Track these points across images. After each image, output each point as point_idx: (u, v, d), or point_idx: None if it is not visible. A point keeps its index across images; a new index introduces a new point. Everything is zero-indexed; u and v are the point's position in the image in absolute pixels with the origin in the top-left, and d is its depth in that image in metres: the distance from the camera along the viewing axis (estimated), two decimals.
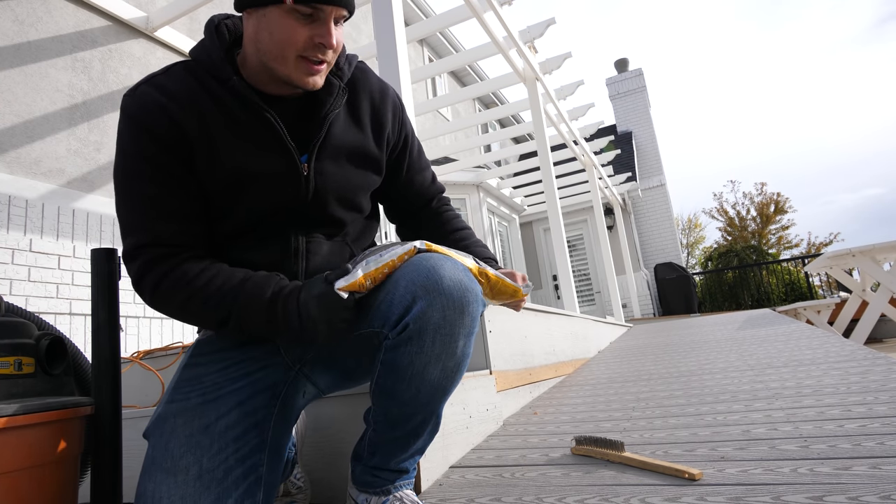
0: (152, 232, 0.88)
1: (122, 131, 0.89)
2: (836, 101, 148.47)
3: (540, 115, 4.51)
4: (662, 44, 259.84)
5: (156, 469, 0.82)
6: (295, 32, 0.83)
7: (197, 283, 0.87)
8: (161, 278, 0.87)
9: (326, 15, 0.84)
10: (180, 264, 0.88)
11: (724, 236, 18.97)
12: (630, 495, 1.00)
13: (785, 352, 2.46)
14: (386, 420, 0.94)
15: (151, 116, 0.87)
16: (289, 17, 0.83)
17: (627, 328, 5.49)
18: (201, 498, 0.80)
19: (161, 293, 0.88)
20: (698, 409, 1.61)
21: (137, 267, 0.88)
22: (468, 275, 0.88)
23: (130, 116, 0.88)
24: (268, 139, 0.92)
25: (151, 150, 0.87)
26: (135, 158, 0.88)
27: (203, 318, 0.89)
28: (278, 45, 0.84)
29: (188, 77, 0.91)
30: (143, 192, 0.88)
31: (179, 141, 0.89)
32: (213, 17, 0.96)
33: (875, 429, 1.18)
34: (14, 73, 2.85)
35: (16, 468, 0.76)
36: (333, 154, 0.98)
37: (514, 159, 10.17)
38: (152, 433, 0.86)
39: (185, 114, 0.89)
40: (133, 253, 0.88)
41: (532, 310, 2.42)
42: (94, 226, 3.03)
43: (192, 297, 0.86)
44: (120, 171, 0.89)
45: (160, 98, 0.88)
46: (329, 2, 0.82)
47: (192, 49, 0.95)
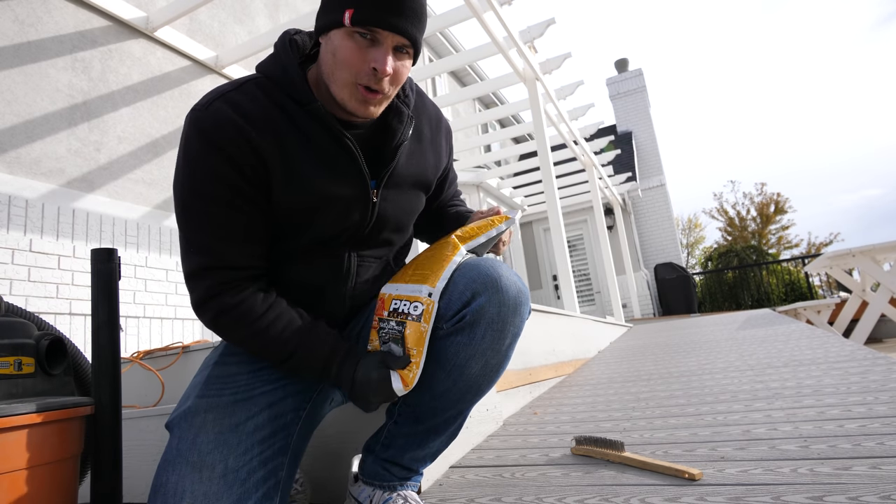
0: (220, 253, 0.87)
1: (191, 146, 0.86)
2: (836, 101, 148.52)
3: (540, 115, 4.51)
4: (662, 44, 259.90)
5: (181, 462, 0.81)
6: (353, 54, 0.83)
7: (260, 324, 0.88)
8: (225, 311, 0.87)
9: (383, 39, 0.83)
10: (246, 299, 0.88)
11: (724, 236, 18.98)
12: (630, 495, 1.00)
13: (785, 352, 2.46)
14: (413, 412, 0.97)
15: (227, 136, 0.84)
16: (349, 40, 0.83)
17: (627, 328, 5.49)
18: (223, 497, 0.80)
19: (222, 325, 0.89)
20: (698, 409, 1.61)
21: (203, 290, 0.87)
22: (520, 279, 0.95)
23: (203, 134, 0.84)
24: (343, 166, 0.92)
25: (225, 170, 0.85)
26: (206, 177, 0.85)
27: (259, 354, 0.92)
28: (339, 66, 0.85)
29: (264, 97, 0.88)
30: (213, 213, 0.85)
31: (255, 164, 0.86)
32: (286, 31, 0.95)
33: (875, 429, 1.18)
34: (14, 73, 2.85)
35: (16, 468, 0.76)
36: (399, 182, 0.99)
37: (514, 159, 10.17)
38: (178, 425, 0.86)
39: (263, 136, 0.86)
40: (199, 273, 0.87)
41: (532, 310, 2.42)
42: (94, 226, 3.03)
43: (254, 337, 0.89)
44: (188, 187, 0.86)
45: (236, 118, 0.85)
46: (387, 26, 0.82)
47: (264, 65, 0.93)
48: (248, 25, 4.55)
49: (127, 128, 3.39)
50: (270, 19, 4.84)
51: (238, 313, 0.87)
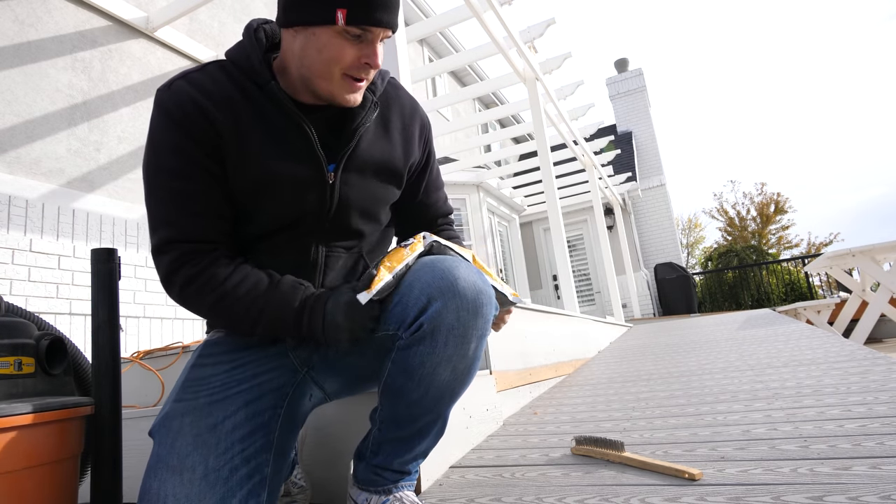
0: (183, 227, 0.88)
1: (155, 125, 0.90)
2: (836, 101, 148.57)
3: (540, 115, 4.51)
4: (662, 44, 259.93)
5: (161, 467, 0.82)
6: (344, 52, 0.86)
7: (225, 287, 0.88)
8: (190, 279, 0.88)
9: (374, 36, 0.86)
10: (209, 266, 0.89)
11: (724, 236, 18.99)
12: (630, 495, 1.00)
13: (785, 352, 2.46)
14: (392, 420, 0.95)
15: (187, 113, 0.88)
16: (339, 38, 0.85)
17: (627, 328, 5.49)
18: (206, 497, 0.80)
19: (189, 296, 0.89)
20: (698, 409, 1.61)
21: (167, 263, 0.88)
22: (482, 277, 0.90)
23: (165, 111, 0.89)
24: (299, 146, 0.93)
25: (186, 145, 0.88)
26: (168, 153, 0.88)
27: (231, 320, 0.91)
28: (326, 63, 0.87)
29: (224, 77, 0.92)
30: (175, 187, 0.88)
31: (213, 139, 0.90)
32: (252, 21, 0.97)
33: (875, 429, 1.18)
34: (14, 73, 2.85)
35: (16, 468, 0.76)
36: (360, 167, 0.99)
37: (514, 159, 10.17)
38: (158, 431, 0.86)
39: (221, 113, 0.90)
40: (163, 248, 0.89)
41: (532, 310, 2.42)
42: (94, 226, 3.03)
43: (221, 301, 0.88)
44: (152, 165, 0.90)
45: (196, 95, 0.89)
46: (379, 23, 0.85)
47: (230, 50, 0.96)
48: None
49: (127, 128, 3.39)
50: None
51: (202, 280, 0.88)
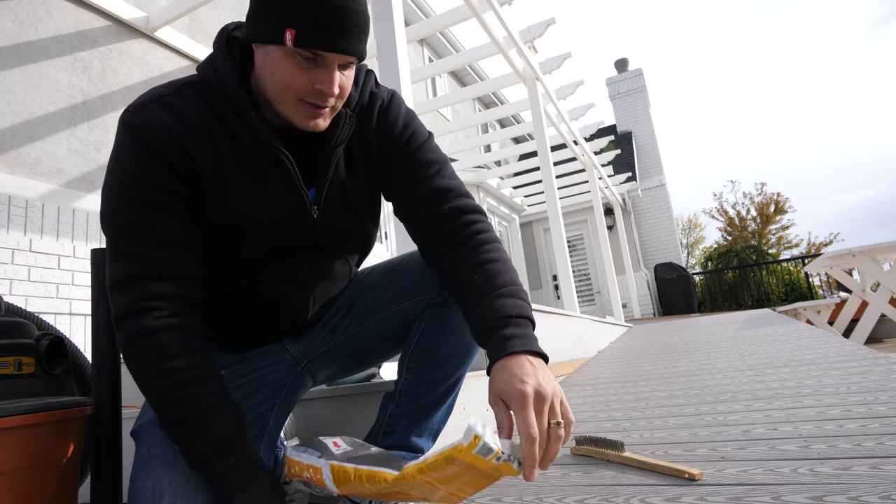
0: (150, 260, 0.79)
1: (123, 149, 0.80)
2: (836, 101, 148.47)
3: (540, 115, 4.51)
4: (662, 44, 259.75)
5: (155, 464, 0.81)
6: (294, 76, 0.78)
7: (169, 365, 0.76)
8: (141, 335, 0.77)
9: (329, 61, 0.78)
10: (169, 329, 0.78)
11: (724, 236, 18.97)
12: (630, 495, 1.00)
13: (785, 352, 2.46)
14: (415, 388, 1.02)
15: (162, 141, 0.79)
16: (289, 60, 0.77)
17: (627, 328, 5.49)
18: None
19: (132, 353, 0.78)
20: (698, 409, 1.61)
21: (123, 304, 0.78)
22: None
23: (136, 136, 0.79)
24: (279, 182, 0.87)
25: (159, 172, 0.79)
26: (139, 179, 0.79)
27: (156, 404, 0.79)
28: (278, 86, 0.79)
29: (201, 102, 0.83)
30: (145, 217, 0.79)
31: (189, 167, 0.81)
32: (223, 28, 0.88)
33: (875, 429, 1.18)
34: (14, 73, 2.85)
35: (16, 468, 0.76)
36: (341, 187, 0.93)
37: (514, 159, 10.17)
38: (148, 431, 0.84)
39: (198, 142, 0.81)
40: (123, 283, 0.78)
41: (532, 310, 2.42)
42: (94, 226, 3.03)
43: (156, 378, 0.77)
44: (117, 191, 0.80)
45: (172, 123, 0.80)
46: (332, 49, 0.76)
47: (203, 67, 0.86)
48: None
49: None
50: None
51: (155, 345, 0.76)
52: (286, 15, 0.74)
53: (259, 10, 0.79)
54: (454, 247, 0.91)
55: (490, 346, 0.80)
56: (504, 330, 0.79)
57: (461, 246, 0.90)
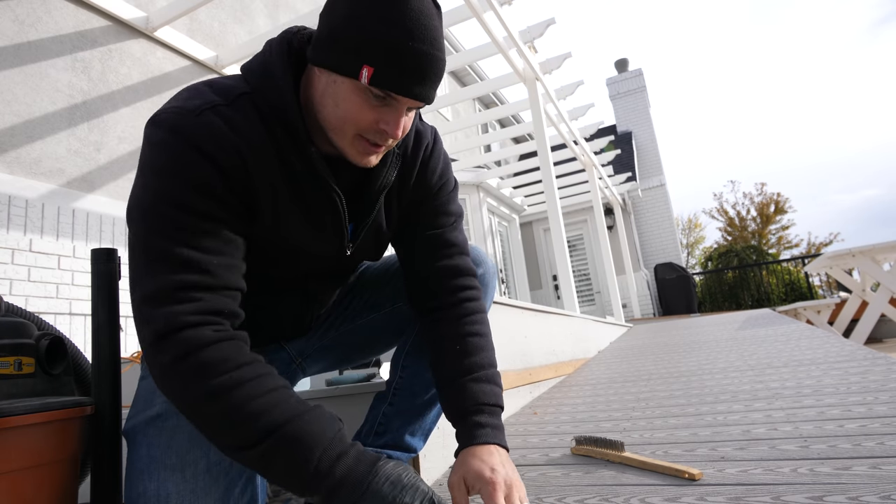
0: (211, 271, 0.72)
1: (172, 153, 0.72)
2: (836, 101, 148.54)
3: (540, 115, 4.51)
4: (662, 44, 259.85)
5: (157, 467, 0.80)
6: (361, 112, 0.75)
7: (229, 380, 0.67)
8: (193, 349, 0.68)
9: (400, 104, 0.75)
10: (221, 340, 0.70)
11: (724, 236, 18.98)
12: (630, 495, 1.00)
13: (785, 352, 2.46)
14: (410, 387, 1.04)
15: (222, 152, 0.74)
16: (359, 95, 0.74)
17: (627, 328, 5.49)
18: (212, 490, 0.80)
19: (180, 371, 0.68)
20: (698, 409, 1.61)
21: (166, 319, 0.67)
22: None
23: (193, 143, 0.72)
24: (329, 222, 0.86)
25: (216, 183, 0.73)
26: (191, 187, 0.72)
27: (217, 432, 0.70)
28: (341, 119, 0.76)
29: (258, 120, 0.78)
30: (195, 224, 0.72)
31: (245, 187, 0.77)
32: (285, 37, 0.81)
33: (875, 429, 1.18)
34: (14, 73, 2.85)
35: (16, 468, 0.76)
36: (376, 229, 0.94)
37: (514, 159, 10.16)
38: (145, 432, 0.84)
39: (257, 164, 0.77)
40: (168, 294, 0.69)
41: (532, 310, 2.42)
42: (94, 226, 3.03)
43: (214, 397, 0.67)
44: (163, 195, 0.71)
45: (232, 136, 0.75)
46: (408, 94, 0.73)
47: (256, 76, 0.80)
48: (248, 25, 4.55)
49: (127, 128, 3.38)
50: (270, 19, 4.84)
51: (207, 358, 0.67)
52: (366, 50, 0.71)
53: (335, 38, 0.74)
54: (446, 307, 0.94)
55: (462, 428, 0.85)
56: (478, 417, 0.85)
57: (452, 308, 0.94)
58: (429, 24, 0.72)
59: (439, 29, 0.75)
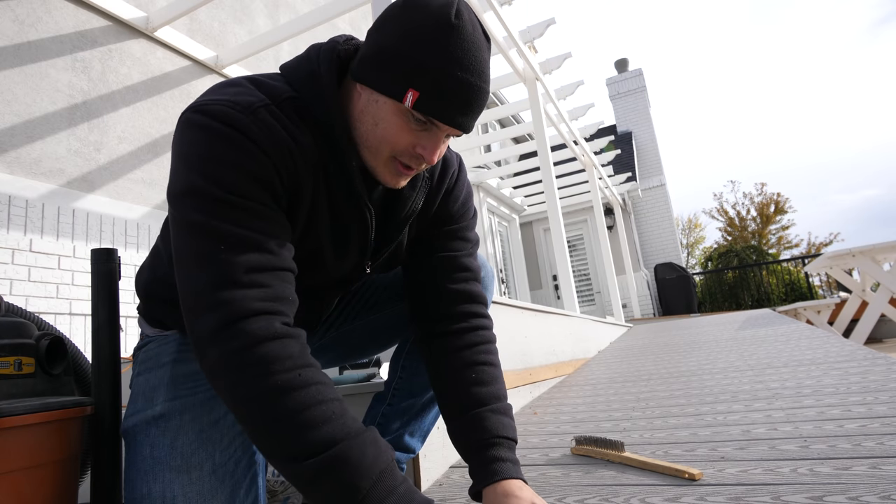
0: (276, 257, 0.72)
1: (229, 143, 0.70)
2: (836, 101, 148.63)
3: (540, 115, 4.51)
4: (662, 44, 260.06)
5: (162, 469, 0.80)
6: (400, 135, 0.75)
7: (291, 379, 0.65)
8: (255, 342, 0.65)
9: (440, 131, 0.75)
10: (288, 335, 0.69)
11: (724, 236, 18.98)
12: (630, 495, 1.00)
13: (785, 352, 2.46)
14: (411, 386, 1.05)
15: (277, 148, 0.73)
16: (400, 118, 0.74)
17: (627, 328, 5.49)
18: (218, 492, 0.79)
19: (234, 365, 0.65)
20: (698, 409, 1.61)
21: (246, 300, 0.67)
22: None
23: (248, 135, 0.71)
24: (356, 240, 0.87)
25: (272, 178, 0.73)
26: (251, 180, 0.71)
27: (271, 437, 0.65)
28: (379, 139, 0.76)
29: (307, 129, 0.77)
30: (258, 209, 0.71)
31: (292, 189, 0.77)
32: (333, 47, 0.80)
33: (875, 429, 1.18)
34: (14, 73, 2.85)
35: (16, 468, 0.76)
36: (396, 249, 0.95)
37: (514, 159, 10.17)
38: (146, 432, 0.83)
39: (304, 169, 0.77)
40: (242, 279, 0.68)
41: (532, 310, 2.42)
42: (94, 226, 3.03)
43: (274, 396, 0.64)
44: (221, 183, 0.69)
45: (287, 138, 0.74)
46: (451, 123, 0.73)
47: (302, 82, 0.79)
48: (248, 25, 4.55)
49: (127, 128, 3.38)
50: (270, 19, 4.84)
51: (273, 351, 0.65)
52: (414, 74, 0.70)
53: (383, 58, 0.73)
54: (457, 332, 0.92)
55: (483, 461, 0.82)
56: (498, 451, 0.83)
57: (464, 334, 0.92)
58: (478, 56, 0.72)
59: (488, 62, 0.75)
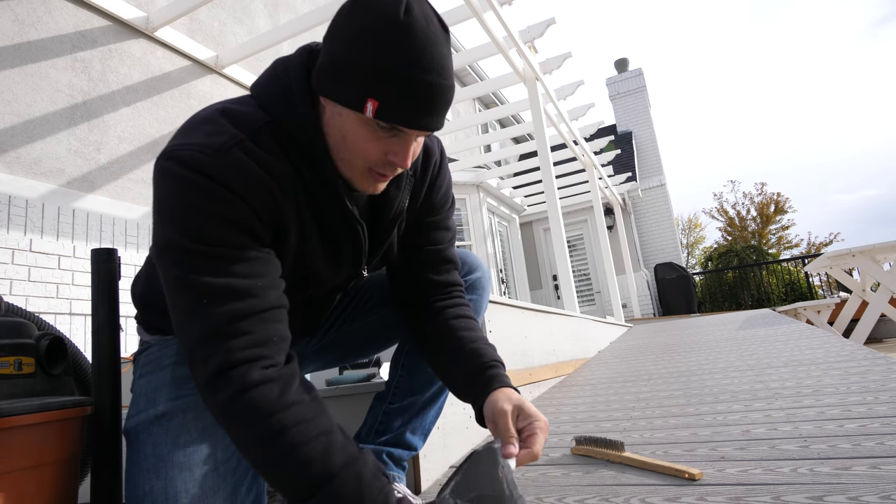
0: (258, 295, 0.71)
1: (202, 192, 0.69)
2: (836, 101, 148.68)
3: (540, 115, 4.51)
4: (662, 44, 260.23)
5: (166, 466, 0.80)
6: (369, 146, 0.73)
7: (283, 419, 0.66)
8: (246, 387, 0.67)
9: (407, 135, 0.73)
10: (272, 379, 0.68)
11: (724, 236, 18.98)
12: (630, 495, 1.00)
13: (785, 352, 2.46)
14: (411, 384, 1.06)
15: (253, 189, 0.72)
16: (365, 128, 0.71)
17: (627, 328, 5.49)
18: (220, 489, 0.80)
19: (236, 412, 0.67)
20: (698, 409, 1.61)
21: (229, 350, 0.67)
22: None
23: (224, 183, 0.70)
24: (350, 253, 0.88)
25: (251, 221, 0.72)
26: (228, 225, 0.70)
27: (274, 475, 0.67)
28: (348, 151, 0.75)
29: (283, 155, 0.76)
30: (237, 256, 0.71)
31: (275, 223, 0.77)
32: (302, 59, 0.77)
33: (875, 429, 1.18)
34: (14, 73, 2.85)
35: (16, 468, 0.76)
36: (388, 249, 0.95)
37: (514, 159, 10.16)
38: (149, 431, 0.84)
39: (286, 200, 0.76)
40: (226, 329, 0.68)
41: (532, 310, 2.42)
42: (94, 226, 3.03)
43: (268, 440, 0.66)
44: (197, 236, 0.69)
45: (261, 173, 0.73)
46: (416, 126, 0.71)
47: (279, 108, 0.77)
48: (248, 25, 4.55)
49: (127, 128, 3.38)
50: (270, 19, 4.84)
51: (254, 399, 0.66)
52: (370, 83, 0.67)
53: (336, 68, 0.70)
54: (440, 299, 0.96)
55: (487, 376, 0.86)
56: (500, 369, 0.88)
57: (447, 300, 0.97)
58: (436, 52, 0.68)
59: (447, 56, 0.71)
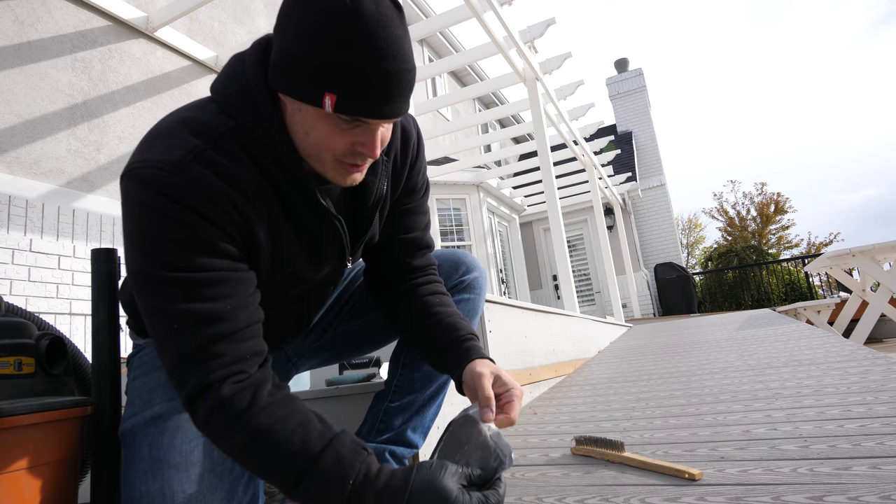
0: (229, 318, 0.70)
1: (160, 215, 0.67)
2: (836, 101, 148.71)
3: (540, 115, 4.51)
4: (662, 44, 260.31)
5: (161, 467, 0.80)
6: (333, 139, 0.70)
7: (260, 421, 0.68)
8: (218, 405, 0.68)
9: (372, 125, 0.70)
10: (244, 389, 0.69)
11: (724, 236, 18.99)
12: (630, 495, 1.00)
13: (785, 352, 2.46)
14: (411, 382, 1.07)
15: (215, 205, 0.69)
16: (326, 122, 0.69)
17: (627, 328, 5.49)
18: (217, 489, 0.80)
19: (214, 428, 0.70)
20: (698, 409, 1.61)
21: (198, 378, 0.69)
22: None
23: (183, 203, 0.67)
24: (332, 249, 0.87)
25: (214, 239, 0.70)
26: (190, 248, 0.69)
27: (267, 472, 0.69)
28: (314, 147, 0.72)
29: (247, 158, 0.73)
30: (202, 280, 0.69)
31: (244, 234, 0.74)
32: (258, 55, 0.74)
33: (875, 429, 1.18)
34: (14, 73, 2.85)
35: (16, 468, 0.76)
36: (371, 237, 0.94)
37: (514, 159, 10.17)
38: (144, 432, 0.83)
39: (255, 208, 0.74)
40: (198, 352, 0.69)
41: (532, 310, 2.42)
42: (94, 226, 3.03)
43: (253, 442, 0.68)
44: (161, 262, 0.68)
45: (222, 185, 0.70)
46: (377, 115, 0.67)
47: (239, 109, 0.73)
48: (248, 25, 4.55)
49: (127, 128, 3.38)
50: (270, 19, 4.84)
51: (227, 414, 0.68)
52: (325, 77, 0.64)
53: (289, 63, 0.67)
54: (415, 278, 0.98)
55: (463, 347, 0.88)
56: (476, 342, 0.90)
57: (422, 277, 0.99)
58: (389, 36, 0.64)
59: (402, 37, 0.67)
